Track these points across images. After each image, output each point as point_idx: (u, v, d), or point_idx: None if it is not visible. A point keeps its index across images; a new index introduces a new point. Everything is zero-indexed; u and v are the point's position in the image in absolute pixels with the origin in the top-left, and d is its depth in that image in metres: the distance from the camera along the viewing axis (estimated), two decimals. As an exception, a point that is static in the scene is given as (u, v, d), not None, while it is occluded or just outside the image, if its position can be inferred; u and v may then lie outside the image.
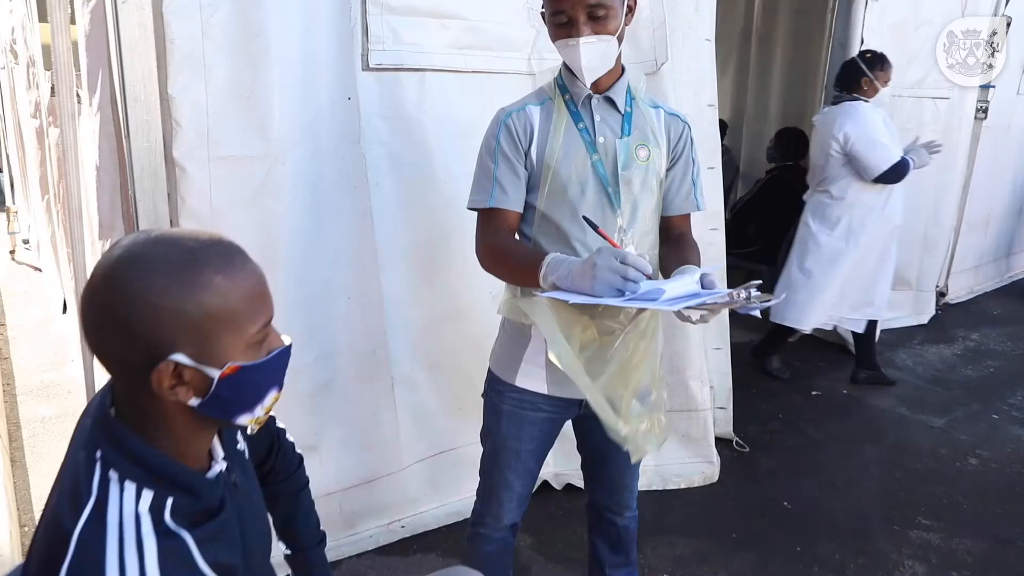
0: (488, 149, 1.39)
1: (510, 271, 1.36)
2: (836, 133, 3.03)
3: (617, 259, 1.12)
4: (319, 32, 1.79)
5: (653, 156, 1.40)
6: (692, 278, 1.20)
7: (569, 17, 1.27)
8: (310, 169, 1.84)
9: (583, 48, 1.29)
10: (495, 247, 1.36)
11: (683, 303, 1.10)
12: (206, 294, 0.70)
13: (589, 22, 1.28)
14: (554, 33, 1.32)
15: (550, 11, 1.30)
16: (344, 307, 2.00)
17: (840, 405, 3.21)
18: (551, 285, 1.20)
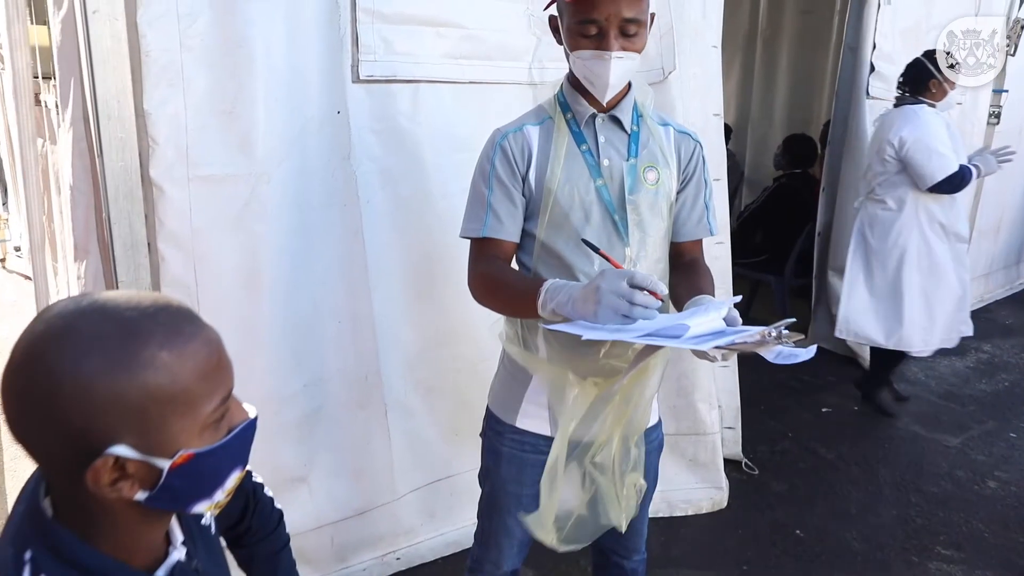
0: (482, 173, 1.28)
1: (505, 301, 1.24)
2: (892, 137, 2.85)
3: (623, 280, 1.00)
4: (306, 42, 1.68)
5: (663, 179, 1.30)
6: (719, 313, 1.08)
7: (600, 29, 1.16)
8: (297, 187, 1.74)
9: (615, 64, 1.18)
10: (488, 276, 1.25)
11: (710, 342, 1.00)
12: (149, 374, 0.60)
13: (620, 37, 1.18)
14: (576, 43, 1.19)
15: (575, 18, 1.17)
16: (334, 331, 1.90)
17: (851, 423, 3.11)
18: (551, 312, 1.09)
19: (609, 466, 1.29)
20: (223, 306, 1.69)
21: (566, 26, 1.21)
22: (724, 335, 1.02)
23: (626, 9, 1.16)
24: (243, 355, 1.75)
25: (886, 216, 2.98)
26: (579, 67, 1.22)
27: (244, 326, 1.73)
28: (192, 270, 1.64)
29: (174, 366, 0.61)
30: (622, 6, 1.15)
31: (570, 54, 1.23)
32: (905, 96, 2.97)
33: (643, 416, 1.31)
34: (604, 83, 1.21)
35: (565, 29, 1.22)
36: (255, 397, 1.79)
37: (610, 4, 1.15)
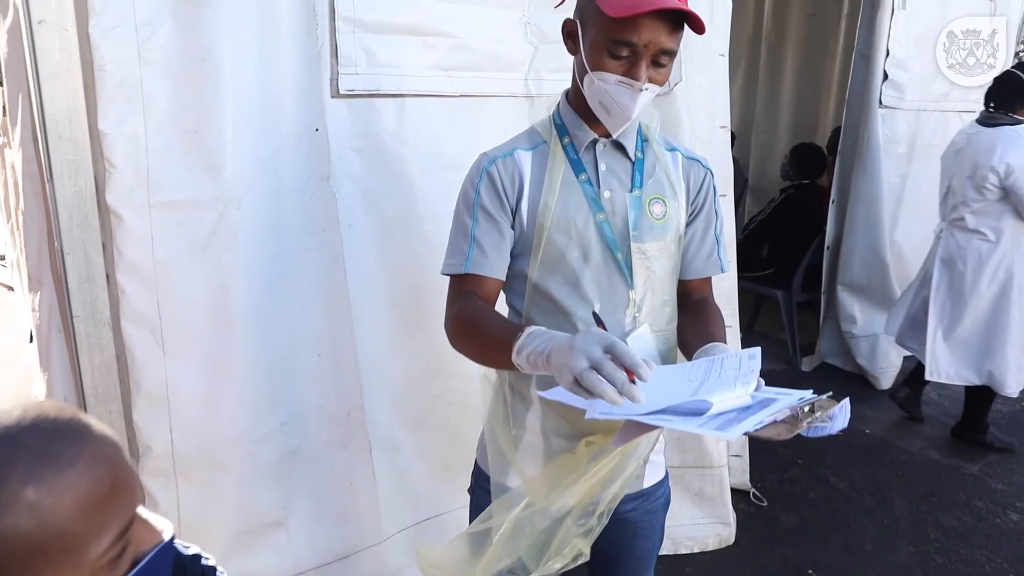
0: (465, 202, 1.14)
1: (480, 346, 1.07)
2: (995, 163, 2.59)
3: (599, 346, 0.83)
4: (280, 54, 1.54)
5: (670, 211, 1.16)
6: (746, 388, 0.90)
7: (634, 53, 1.02)
8: (271, 212, 1.59)
9: (642, 97, 1.05)
10: (465, 316, 1.09)
11: (734, 427, 0.84)
12: (9, 519, 0.45)
13: (651, 67, 1.03)
14: (601, 62, 1.03)
15: (608, 35, 1.01)
16: (314, 365, 1.76)
17: (864, 448, 2.97)
18: (526, 359, 0.92)
19: None
20: (190, 342, 1.55)
21: (592, 39, 1.05)
22: (750, 413, 0.88)
23: (668, 39, 1.02)
24: (213, 394, 1.62)
25: (982, 247, 2.74)
26: (596, 90, 1.07)
27: (214, 363, 1.58)
28: (155, 304, 1.50)
29: (43, 505, 0.46)
30: (664, 35, 1.01)
31: (589, 72, 1.06)
32: (995, 114, 2.71)
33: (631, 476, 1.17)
34: (625, 115, 1.07)
35: (590, 43, 1.05)
36: (225, 439, 1.65)
37: (653, 30, 1.00)
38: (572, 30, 1.10)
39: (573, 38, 1.10)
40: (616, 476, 1.14)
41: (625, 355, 0.82)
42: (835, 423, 0.97)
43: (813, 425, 0.91)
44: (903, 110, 3.25)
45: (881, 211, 3.28)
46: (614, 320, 1.12)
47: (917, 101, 3.31)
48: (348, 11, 1.57)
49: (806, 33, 4.57)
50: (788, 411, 0.90)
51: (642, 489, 1.27)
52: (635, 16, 0.99)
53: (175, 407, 1.57)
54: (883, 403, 3.35)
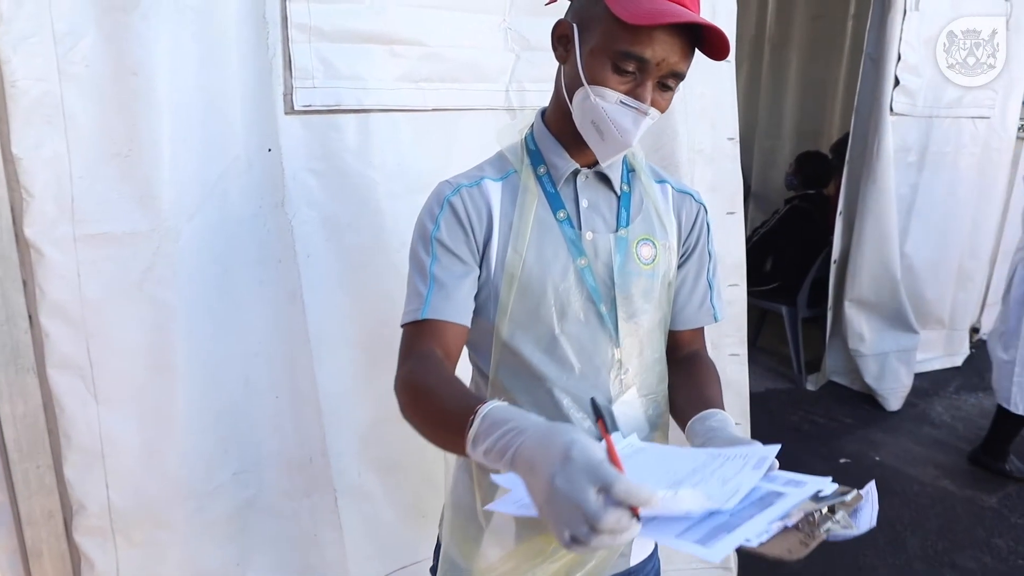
0: (422, 236, 0.97)
1: (429, 425, 0.84)
2: None
3: (593, 487, 0.59)
4: (225, 66, 1.37)
5: (660, 254, 0.99)
6: (749, 479, 0.72)
7: (642, 69, 0.86)
8: (217, 243, 1.43)
9: (645, 124, 0.89)
10: (414, 382, 0.87)
11: (721, 540, 0.67)
12: None
13: (657, 90, 0.88)
14: (602, 75, 0.87)
15: (615, 45, 0.85)
16: (271, 408, 1.59)
17: (873, 477, 2.78)
18: (483, 455, 0.70)
19: None
20: (125, 391, 1.38)
21: (594, 47, 0.88)
22: (748, 516, 0.70)
23: (681, 60, 0.86)
24: (153, 446, 1.45)
25: None
26: (590, 107, 0.89)
27: (153, 412, 1.42)
28: (84, 349, 1.34)
29: None
30: (678, 55, 0.85)
31: (585, 86, 0.89)
32: None
33: (611, 555, 1.00)
34: (623, 142, 0.90)
35: (591, 51, 0.88)
36: (169, 494, 1.46)
37: (669, 47, 0.84)
38: (566, 33, 0.92)
39: (566, 43, 0.93)
40: (591, 556, 0.98)
41: (627, 494, 0.59)
42: (860, 521, 0.80)
43: (833, 532, 0.74)
44: (914, 117, 3.08)
45: (891, 224, 3.11)
46: (596, 383, 0.96)
47: (929, 107, 3.14)
48: (303, 18, 1.40)
49: (811, 35, 4.40)
50: (800, 513, 0.73)
51: (629, 568, 1.10)
52: (654, 27, 0.83)
53: (111, 461, 1.41)
54: (892, 425, 3.18)
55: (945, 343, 3.82)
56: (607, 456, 0.64)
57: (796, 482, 0.74)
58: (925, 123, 3.17)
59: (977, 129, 3.43)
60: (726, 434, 0.86)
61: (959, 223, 3.54)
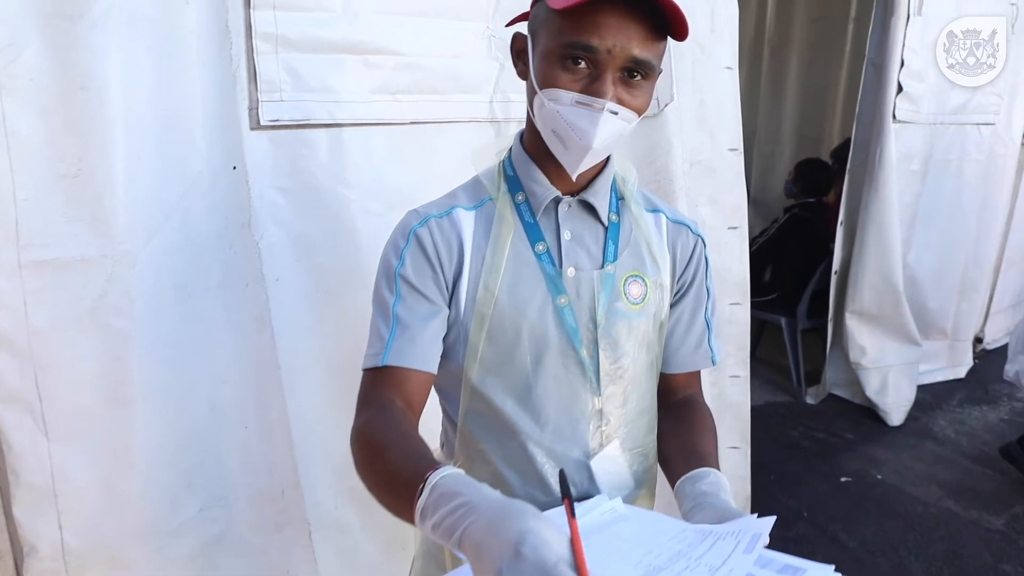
0: (386, 272, 0.88)
1: (381, 485, 0.75)
2: None
3: None
4: (184, 79, 1.28)
5: (651, 292, 0.90)
6: (742, 566, 0.63)
7: (595, 63, 0.77)
8: (178, 267, 1.34)
9: (605, 121, 0.78)
10: (368, 438, 0.79)
11: None
12: None
13: (620, 84, 0.78)
14: (552, 76, 0.78)
15: (559, 39, 0.77)
16: (240, 439, 1.51)
17: (875, 497, 2.70)
18: (431, 530, 0.63)
19: None
20: (78, 426, 1.30)
21: (543, 50, 0.79)
22: None
23: (640, 46, 0.76)
24: (110, 483, 1.35)
25: None
26: (547, 114, 0.81)
27: (110, 447, 1.33)
28: (32, 381, 1.25)
29: None
30: (635, 41, 0.75)
31: (538, 92, 0.81)
32: None
33: None
34: (584, 143, 0.79)
35: (540, 54, 0.80)
36: (128, 533, 1.35)
37: (617, 31, 0.75)
38: (522, 47, 0.84)
39: (523, 56, 0.84)
40: None
41: None
42: None
43: None
44: (918, 124, 2.99)
45: (894, 234, 3.02)
46: (574, 437, 0.87)
47: (933, 114, 3.04)
48: (268, 26, 1.31)
49: (811, 37, 4.32)
50: None
51: None
52: (592, 8, 0.73)
53: (64, 499, 1.32)
54: (894, 442, 3.09)
55: (948, 354, 3.72)
56: (570, 548, 0.55)
57: (794, 569, 0.65)
58: (929, 130, 3.08)
59: (982, 136, 3.33)
60: (718, 501, 0.77)
61: (963, 232, 3.45)
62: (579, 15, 0.75)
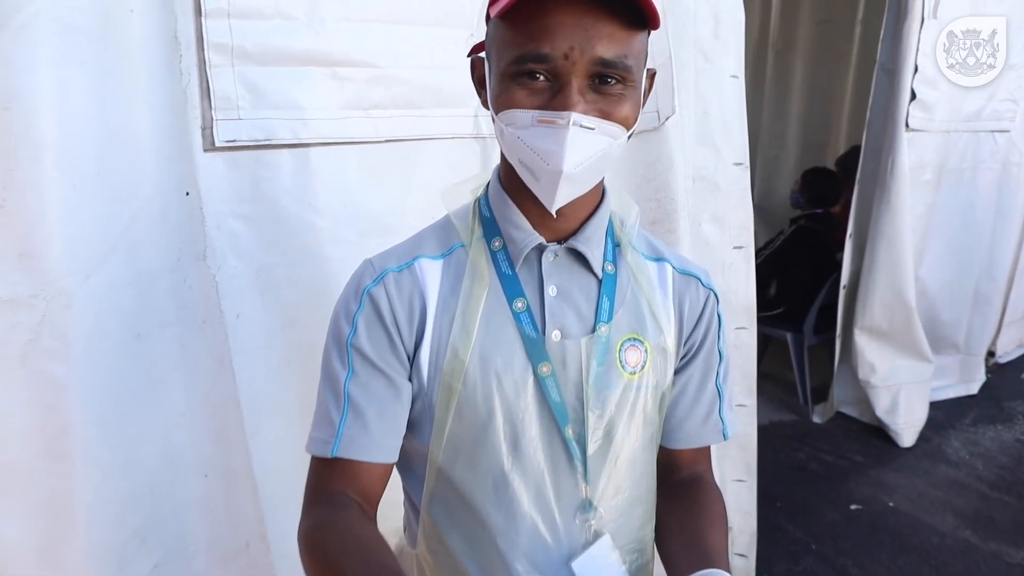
0: (337, 341, 0.75)
1: None
2: None
3: None
4: (128, 96, 1.14)
5: (651, 359, 0.76)
6: None
7: (552, 71, 0.64)
8: (125, 304, 1.20)
9: (573, 137, 0.64)
10: (318, 542, 0.69)
11: None
12: None
13: (590, 92, 0.65)
14: (508, 97, 0.66)
15: (509, 54, 0.65)
16: (199, 489, 1.37)
17: (887, 526, 2.57)
18: None
19: None
20: (9, 484, 1.16)
21: (499, 72, 0.67)
22: None
23: (605, 44, 0.62)
24: (48, 547, 1.21)
25: None
26: (510, 143, 0.68)
27: (47, 508, 1.19)
28: (-45, 436, 1.11)
29: None
30: (596, 37, 0.62)
31: (496, 119, 0.68)
32: None
33: None
34: (553, 170, 0.65)
35: (497, 76, 0.67)
36: None
37: (571, 30, 0.62)
38: (482, 73, 0.72)
39: (483, 82, 0.72)
40: None
41: None
42: None
43: None
44: (931, 132, 2.85)
45: (906, 248, 2.88)
46: (556, 535, 0.73)
47: (946, 121, 2.91)
48: (222, 36, 1.17)
49: (817, 40, 4.18)
50: None
51: None
52: (537, 9, 0.61)
53: (-2, 565, 1.18)
54: (906, 465, 2.95)
55: (960, 370, 3.59)
56: None
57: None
58: (942, 138, 2.94)
59: (997, 144, 3.20)
60: None
61: (976, 243, 3.32)
62: (523, 21, 0.62)
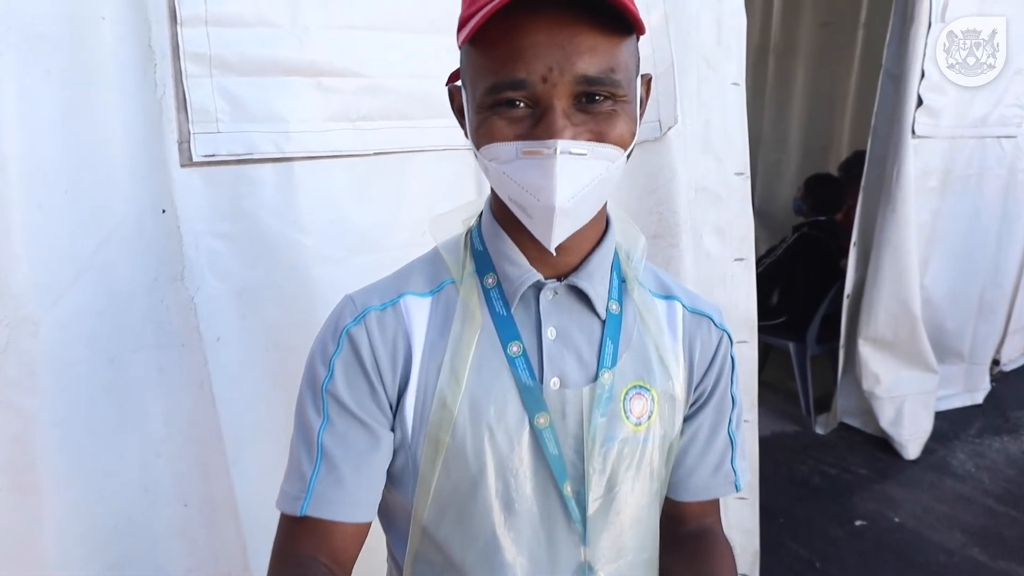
0: (311, 385, 0.69)
1: None
2: None
3: None
4: (99, 108, 1.08)
5: (658, 408, 0.70)
6: None
7: (532, 97, 0.57)
8: (96, 328, 1.13)
9: (564, 167, 0.57)
10: None
11: None
12: None
13: (577, 114, 0.58)
14: (488, 130, 0.59)
15: (484, 81, 0.58)
16: (179, 521, 1.30)
17: (893, 544, 2.50)
18: None
19: None
20: (-27, 521, 1.09)
21: (475, 103, 0.60)
22: None
23: (587, 58, 0.56)
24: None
25: None
26: (496, 180, 0.62)
27: (14, 546, 1.13)
28: (-86, 471, 1.04)
29: None
30: (576, 53, 0.55)
31: (478, 154, 0.62)
32: None
33: None
34: (545, 206, 0.59)
35: (474, 108, 0.61)
36: None
37: (550, 49, 0.55)
38: (460, 104, 0.66)
39: (463, 112, 0.65)
40: None
41: None
42: None
43: None
44: (937, 138, 2.79)
45: (911, 257, 2.82)
46: (553, 598, 0.67)
47: (952, 127, 2.85)
48: (199, 45, 1.10)
49: (818, 43, 4.12)
50: None
51: None
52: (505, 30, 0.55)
53: (-40, 606, 1.12)
54: (912, 478, 2.89)
55: (965, 379, 3.53)
56: None
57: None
58: (948, 144, 2.88)
59: (1003, 150, 3.14)
60: None
61: (981, 251, 3.26)
62: (492, 45, 0.56)
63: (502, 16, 0.53)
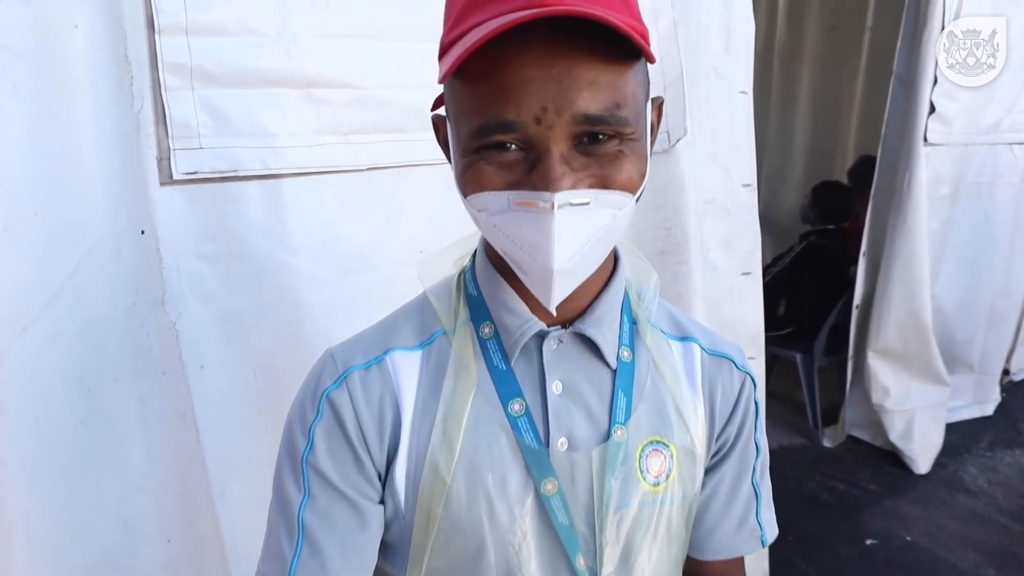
0: (291, 456, 0.62)
1: None
2: None
3: None
4: (71, 124, 1.01)
5: (677, 465, 0.63)
6: None
7: (525, 139, 0.50)
8: (71, 357, 1.06)
9: (562, 224, 0.50)
10: None
11: None
12: None
13: (579, 157, 0.50)
14: (475, 175, 0.52)
15: (469, 125, 0.51)
16: (161, 556, 1.23)
17: (905, 563, 2.43)
18: None
19: None
20: (-64, 564, 1.02)
21: (460, 144, 0.53)
22: None
23: (587, 95, 0.48)
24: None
25: None
26: (487, 231, 0.55)
27: (-19, 587, 1.06)
28: None
29: None
30: (574, 89, 0.48)
31: (465, 203, 0.55)
32: None
33: None
34: (543, 267, 0.51)
35: (459, 149, 0.53)
36: None
37: (544, 85, 0.48)
38: (446, 135, 0.59)
39: (446, 146, 0.59)
40: None
41: None
42: None
43: None
44: (949, 146, 2.72)
45: (922, 267, 2.75)
46: None
47: (964, 134, 2.78)
48: (179, 56, 1.04)
49: (824, 47, 4.05)
50: None
51: None
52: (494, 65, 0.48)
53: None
54: (923, 494, 2.82)
55: (975, 390, 3.45)
56: None
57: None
58: (960, 152, 2.81)
59: (1015, 157, 3.07)
60: None
61: (993, 260, 3.19)
62: (478, 80, 0.48)
63: (489, 46, 0.46)
